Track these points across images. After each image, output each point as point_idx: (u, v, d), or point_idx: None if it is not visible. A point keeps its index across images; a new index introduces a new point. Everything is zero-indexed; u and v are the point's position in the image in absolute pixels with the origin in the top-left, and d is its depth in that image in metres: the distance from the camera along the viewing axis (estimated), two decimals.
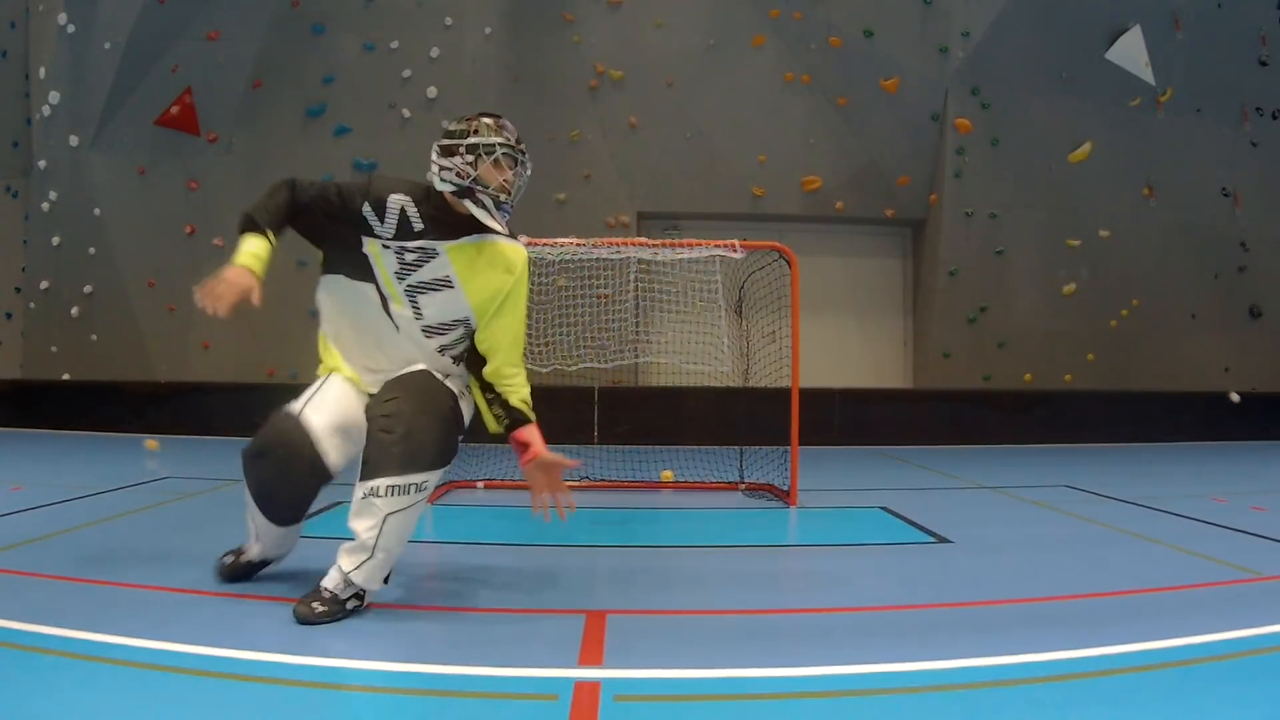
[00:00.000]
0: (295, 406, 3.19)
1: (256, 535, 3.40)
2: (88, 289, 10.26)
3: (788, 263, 6.06)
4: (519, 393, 3.31)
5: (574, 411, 9.08)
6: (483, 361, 3.31)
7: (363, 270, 3.27)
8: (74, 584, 3.36)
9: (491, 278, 3.29)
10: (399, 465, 2.95)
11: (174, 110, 10.19)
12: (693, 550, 4.46)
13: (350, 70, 10.29)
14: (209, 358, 10.22)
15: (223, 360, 10.18)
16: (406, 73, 10.25)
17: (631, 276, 6.17)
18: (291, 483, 3.19)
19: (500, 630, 3.04)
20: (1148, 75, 10.65)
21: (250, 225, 3.34)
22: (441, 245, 3.23)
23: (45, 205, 10.35)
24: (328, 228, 3.32)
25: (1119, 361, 10.64)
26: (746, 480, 6.30)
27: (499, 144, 3.23)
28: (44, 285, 10.39)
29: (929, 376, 10.66)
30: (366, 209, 3.23)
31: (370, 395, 3.24)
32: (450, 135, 3.26)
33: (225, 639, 2.63)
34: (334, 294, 3.39)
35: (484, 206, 3.23)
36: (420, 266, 3.23)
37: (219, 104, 10.23)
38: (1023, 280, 10.61)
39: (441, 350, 3.29)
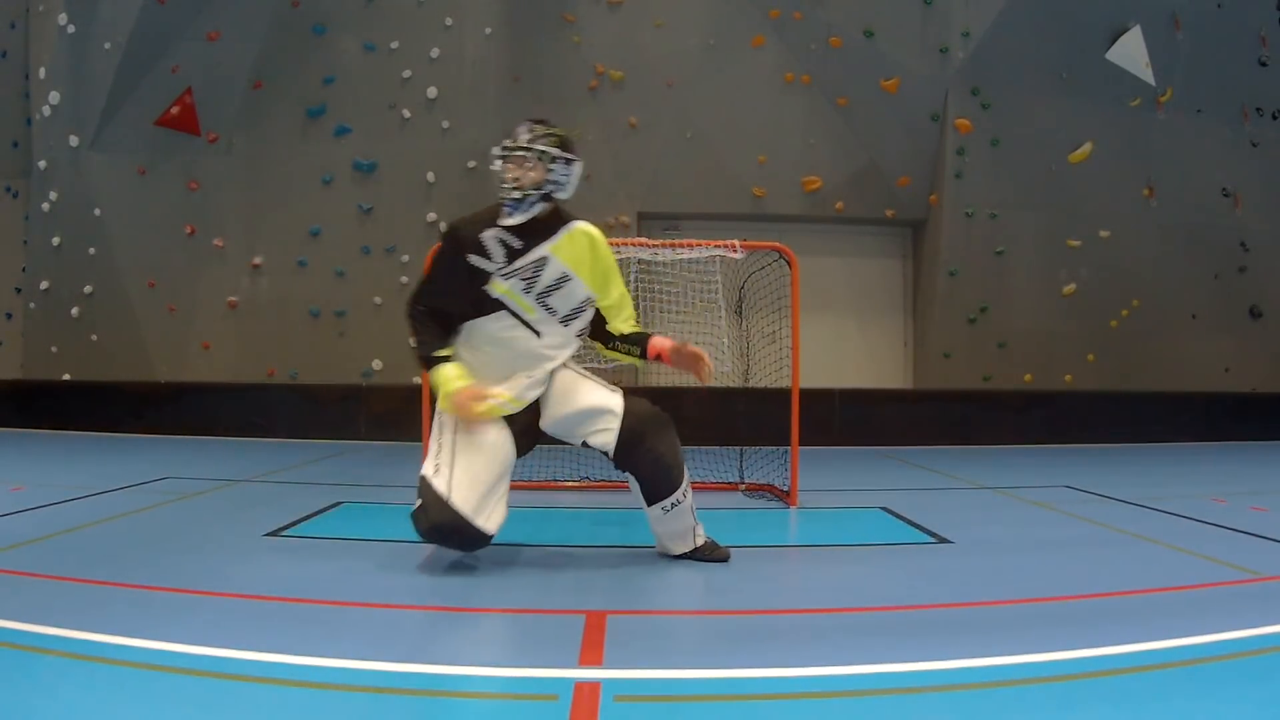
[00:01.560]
0: (441, 487, 3.47)
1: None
2: (88, 289, 10.26)
3: (788, 263, 6.06)
4: (629, 323, 3.89)
5: None
6: (604, 321, 3.88)
7: (491, 304, 3.67)
8: (74, 584, 3.36)
9: (589, 258, 3.77)
10: (670, 486, 3.78)
11: (174, 110, 10.19)
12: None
13: (350, 70, 10.29)
14: (209, 358, 10.22)
15: (223, 360, 10.18)
16: (406, 73, 10.25)
17: (631, 277, 6.16)
18: (469, 549, 3.68)
19: (500, 630, 3.05)
20: (1148, 75, 10.65)
21: (432, 362, 3.68)
22: (545, 249, 3.70)
23: (45, 205, 10.35)
24: (465, 298, 3.68)
25: (1119, 361, 10.64)
26: (746, 480, 6.30)
27: (494, 151, 3.71)
28: (44, 285, 10.39)
29: (929, 377, 10.65)
30: (473, 259, 3.65)
31: (525, 404, 3.70)
32: None
33: (225, 639, 2.63)
34: (471, 338, 3.75)
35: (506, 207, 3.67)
36: (539, 274, 3.67)
37: (219, 104, 10.23)
38: (1023, 280, 10.61)
39: (580, 333, 3.83)
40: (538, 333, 3.70)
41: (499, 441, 3.62)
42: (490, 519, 3.51)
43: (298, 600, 3.27)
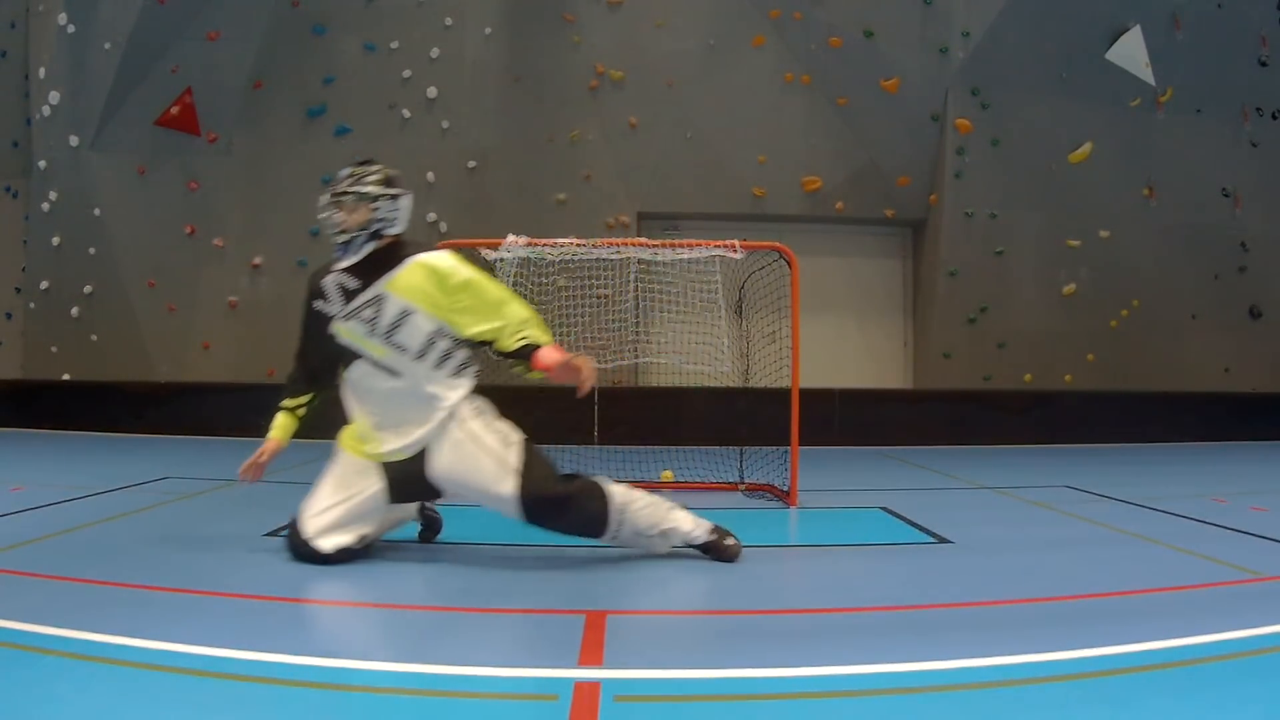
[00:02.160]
0: (306, 526, 3.66)
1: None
2: (88, 289, 10.26)
3: (788, 263, 6.06)
4: (517, 339, 3.65)
5: (574, 411, 9.05)
6: (489, 344, 3.72)
7: (349, 353, 3.74)
8: (74, 584, 3.36)
9: (430, 289, 3.65)
10: (597, 531, 3.72)
11: (174, 110, 10.19)
12: (693, 550, 4.46)
13: (350, 70, 10.29)
14: (209, 358, 10.22)
15: (223, 360, 10.18)
16: (406, 73, 10.25)
17: (631, 277, 6.17)
18: (307, 562, 3.69)
19: (500, 630, 3.05)
20: (1148, 75, 10.65)
21: (275, 413, 4.01)
22: (380, 286, 3.67)
23: (45, 205, 10.35)
24: (324, 346, 3.82)
25: (1119, 361, 10.64)
26: (746, 480, 6.29)
27: (321, 200, 3.76)
28: (44, 285, 10.39)
29: (929, 377, 10.65)
30: (317, 304, 3.78)
31: (401, 457, 3.70)
32: None
33: (225, 639, 2.63)
34: (354, 392, 3.84)
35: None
36: (379, 313, 3.66)
37: (219, 104, 10.23)
38: (1023, 280, 10.61)
39: (440, 364, 3.68)
40: (396, 373, 3.66)
41: (366, 484, 3.71)
42: (328, 542, 3.64)
43: (298, 600, 3.27)
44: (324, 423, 4.00)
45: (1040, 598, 3.39)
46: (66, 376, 10.28)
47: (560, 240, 5.86)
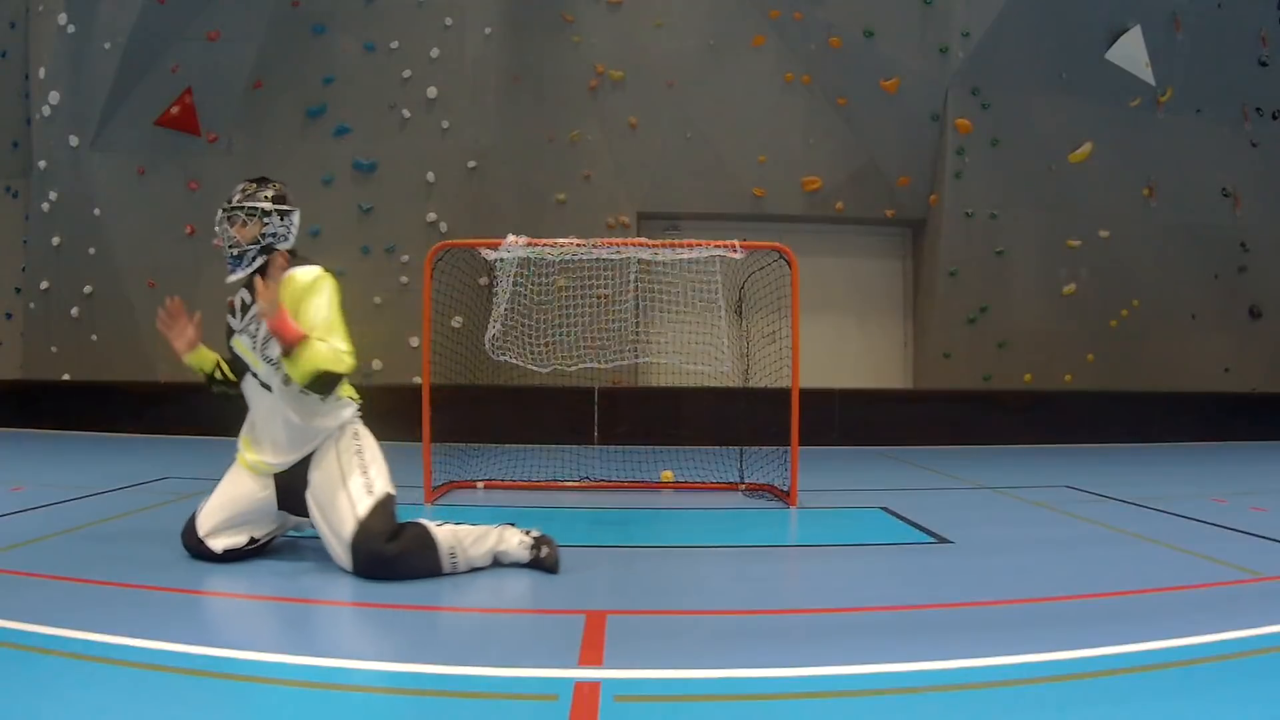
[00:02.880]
0: (200, 524, 3.75)
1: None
2: (88, 289, 10.26)
3: (788, 263, 6.06)
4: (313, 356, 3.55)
5: (574, 411, 9.08)
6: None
7: (242, 365, 3.85)
8: (74, 584, 3.36)
9: (291, 302, 3.66)
10: (432, 573, 3.57)
11: (174, 110, 10.19)
12: (693, 550, 4.46)
13: (350, 70, 10.28)
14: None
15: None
16: (406, 73, 10.25)
17: (631, 277, 6.16)
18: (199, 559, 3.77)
19: (500, 630, 3.05)
20: (1148, 75, 10.64)
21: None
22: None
23: (45, 205, 10.35)
24: (231, 357, 3.94)
25: (1119, 361, 10.64)
26: (746, 480, 6.29)
27: (217, 216, 3.92)
28: (44, 285, 10.39)
29: (929, 377, 10.65)
30: (228, 318, 3.94)
31: (274, 471, 3.76)
32: None
33: (225, 639, 2.63)
34: (245, 399, 3.90)
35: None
36: (260, 328, 3.74)
37: (219, 104, 10.23)
38: (1023, 280, 10.61)
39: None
40: (268, 387, 3.73)
41: (255, 489, 3.78)
42: (218, 542, 3.73)
43: (298, 600, 3.27)
44: None
45: (1040, 598, 3.39)
46: (66, 376, 10.28)
47: (560, 240, 5.86)
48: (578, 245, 5.83)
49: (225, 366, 4.03)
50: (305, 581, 3.51)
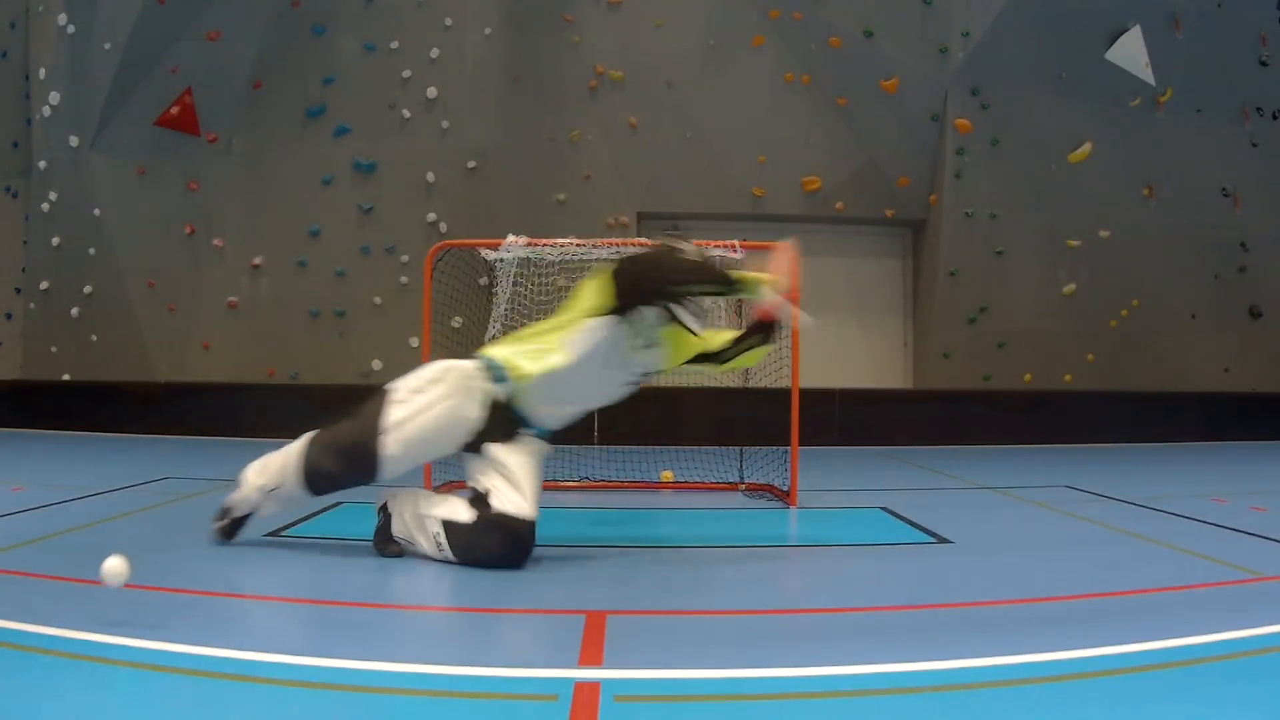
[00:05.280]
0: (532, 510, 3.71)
1: (278, 500, 3.90)
2: (88, 289, 10.26)
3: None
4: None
5: None
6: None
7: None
8: (74, 584, 3.35)
9: None
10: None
11: (174, 110, 10.18)
12: (693, 550, 4.46)
13: (350, 70, 10.28)
14: (209, 358, 10.22)
15: (223, 360, 10.17)
16: (406, 73, 10.25)
17: None
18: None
19: (500, 630, 3.04)
20: (1148, 75, 10.65)
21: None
22: None
23: (45, 205, 10.35)
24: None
25: (1119, 361, 10.64)
26: (746, 480, 6.29)
27: None
28: (44, 285, 10.39)
29: (929, 377, 10.65)
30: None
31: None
32: None
33: (225, 639, 2.63)
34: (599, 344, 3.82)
35: None
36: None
37: (219, 104, 10.23)
38: (1023, 280, 10.61)
39: None
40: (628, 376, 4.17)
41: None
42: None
43: (298, 600, 3.27)
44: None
45: (1040, 598, 3.39)
46: (66, 376, 10.28)
47: (560, 240, 5.86)
48: (578, 245, 5.83)
49: None
50: (305, 581, 3.51)
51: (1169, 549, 4.34)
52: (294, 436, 4.03)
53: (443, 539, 3.64)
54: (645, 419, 9.23)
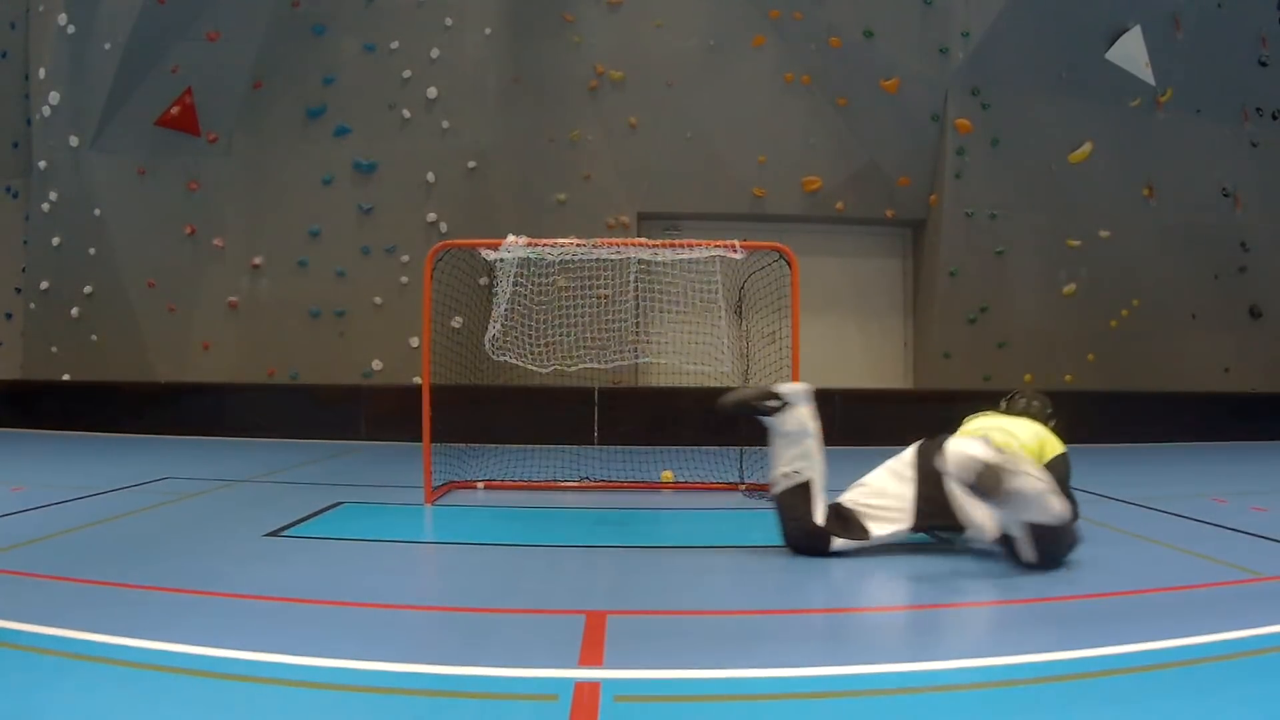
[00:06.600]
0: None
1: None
2: (88, 289, 10.26)
3: (788, 263, 6.06)
4: None
5: (574, 411, 9.07)
6: None
7: None
8: (74, 584, 3.36)
9: None
10: None
11: (174, 110, 10.19)
12: (693, 550, 4.46)
13: (350, 70, 10.28)
14: (209, 358, 10.22)
15: (223, 360, 10.17)
16: (406, 73, 10.25)
17: (631, 277, 6.16)
18: None
19: (500, 630, 3.04)
20: (1148, 75, 10.64)
21: None
22: None
23: (45, 205, 10.35)
24: None
25: (1119, 361, 10.63)
26: (746, 480, 6.29)
27: None
28: (44, 285, 10.39)
29: (929, 377, 10.65)
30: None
31: None
32: None
33: (225, 639, 2.63)
34: None
35: None
36: None
37: (219, 104, 10.23)
38: (1023, 280, 10.61)
39: None
40: None
41: None
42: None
43: (298, 600, 3.27)
44: (327, 422, 3.98)
45: (1040, 598, 3.39)
46: (66, 377, 10.28)
47: (560, 240, 5.86)
48: (578, 245, 5.83)
49: None
50: (305, 581, 3.51)
51: (1169, 549, 4.34)
52: (294, 436, 4.03)
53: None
54: (645, 419, 9.26)
